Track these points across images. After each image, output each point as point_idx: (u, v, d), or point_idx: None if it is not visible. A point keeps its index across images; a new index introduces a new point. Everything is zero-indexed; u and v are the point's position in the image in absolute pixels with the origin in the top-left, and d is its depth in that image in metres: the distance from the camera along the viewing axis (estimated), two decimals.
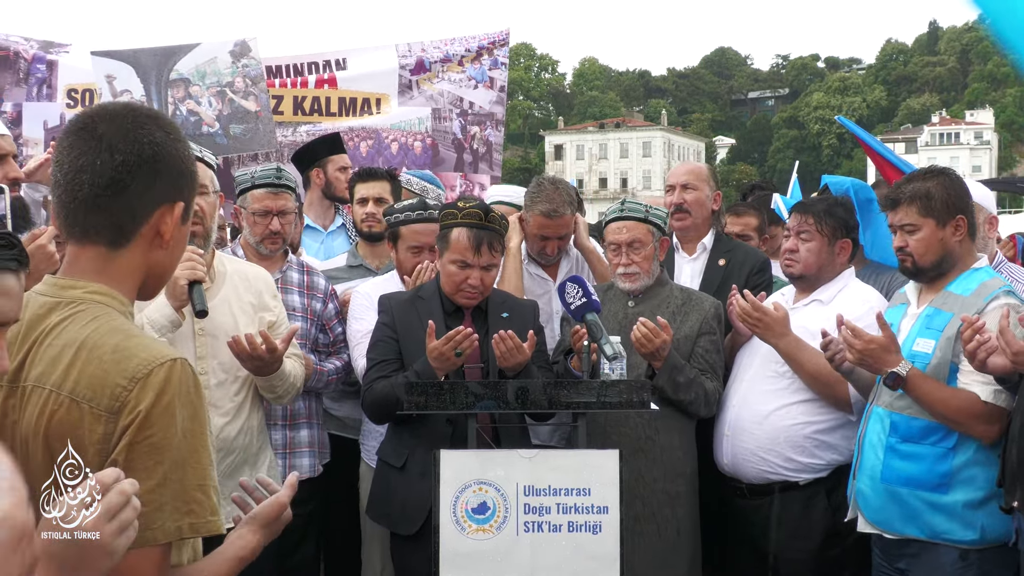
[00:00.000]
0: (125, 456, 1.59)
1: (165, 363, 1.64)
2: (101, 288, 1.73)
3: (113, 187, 1.71)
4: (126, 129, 1.72)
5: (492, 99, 6.84)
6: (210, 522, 1.67)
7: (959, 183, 3.31)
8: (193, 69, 6.17)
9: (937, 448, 3.15)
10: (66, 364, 1.64)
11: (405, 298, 3.71)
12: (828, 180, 4.57)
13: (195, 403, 1.66)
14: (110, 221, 1.73)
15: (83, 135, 1.72)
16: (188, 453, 1.63)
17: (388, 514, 3.62)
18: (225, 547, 1.81)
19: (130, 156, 1.71)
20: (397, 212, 4.14)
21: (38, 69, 6.16)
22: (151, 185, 1.74)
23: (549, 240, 4.31)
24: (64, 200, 1.73)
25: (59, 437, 1.61)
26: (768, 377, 3.75)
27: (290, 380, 3.44)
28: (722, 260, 4.46)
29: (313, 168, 5.49)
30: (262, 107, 6.18)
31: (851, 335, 3.18)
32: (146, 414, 1.60)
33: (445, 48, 6.74)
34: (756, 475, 3.72)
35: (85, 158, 1.70)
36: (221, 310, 3.32)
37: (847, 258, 3.85)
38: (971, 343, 2.90)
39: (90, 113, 1.77)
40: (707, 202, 4.60)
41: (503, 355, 3.38)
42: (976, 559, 3.12)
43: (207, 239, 3.29)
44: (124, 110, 1.77)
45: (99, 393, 1.61)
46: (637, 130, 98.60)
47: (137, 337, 1.70)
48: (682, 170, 4.76)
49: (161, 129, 1.76)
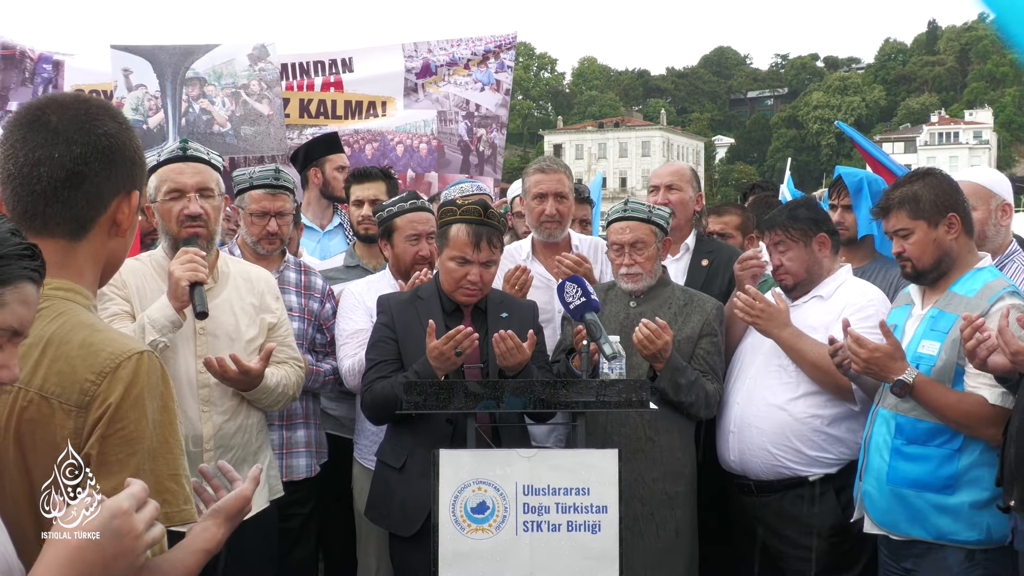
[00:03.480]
0: (98, 450, 1.61)
1: (132, 356, 1.66)
2: (64, 284, 1.75)
3: (72, 179, 1.73)
4: (80, 120, 1.74)
5: (498, 102, 6.85)
6: (184, 511, 1.70)
7: (946, 182, 3.31)
8: (210, 69, 6.20)
9: (943, 450, 3.15)
10: (34, 361, 1.65)
11: (404, 298, 3.71)
12: (841, 170, 4.55)
13: (164, 394, 1.69)
14: (70, 213, 1.75)
15: (36, 127, 1.73)
16: (159, 444, 1.66)
17: (387, 515, 3.61)
18: (191, 539, 1.83)
19: (87, 148, 1.73)
20: (389, 207, 4.14)
21: (44, 69, 6.15)
22: (108, 175, 1.77)
23: (546, 198, 4.33)
24: (20, 193, 1.74)
25: (29, 434, 1.63)
26: (773, 372, 3.75)
27: (277, 392, 3.41)
28: (705, 260, 4.50)
29: (311, 168, 5.50)
30: (275, 111, 6.20)
31: (856, 345, 3.18)
32: (116, 407, 1.62)
33: (451, 50, 6.74)
34: (765, 470, 3.71)
35: (42, 151, 1.72)
36: (223, 310, 3.32)
37: (829, 250, 3.84)
38: (971, 341, 2.90)
39: (39, 105, 1.78)
40: (690, 203, 4.65)
41: (503, 354, 3.37)
42: (982, 559, 3.12)
43: (211, 241, 3.30)
44: (75, 101, 1.79)
45: (68, 388, 1.63)
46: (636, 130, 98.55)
47: (103, 331, 1.72)
48: (666, 171, 4.79)
49: (113, 119, 1.79)
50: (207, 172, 3.32)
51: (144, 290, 3.24)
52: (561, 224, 4.39)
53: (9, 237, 1.49)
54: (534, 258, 4.45)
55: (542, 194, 4.35)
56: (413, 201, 4.10)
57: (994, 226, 3.70)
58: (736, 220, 5.38)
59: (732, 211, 5.50)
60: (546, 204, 4.34)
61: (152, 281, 3.27)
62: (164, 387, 1.70)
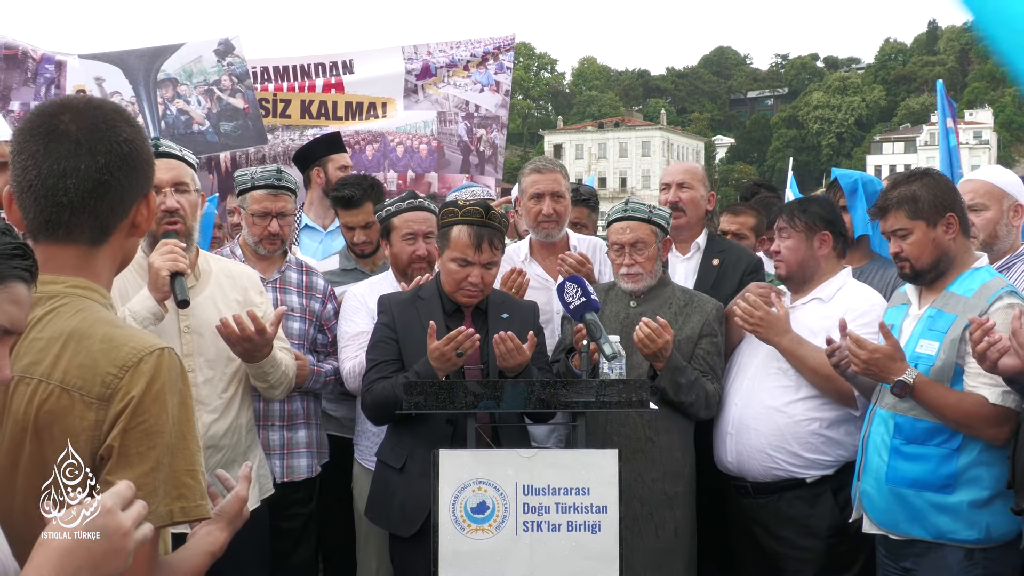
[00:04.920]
0: (120, 442, 1.63)
1: (154, 352, 1.68)
2: (81, 282, 1.76)
3: (98, 189, 1.75)
4: (100, 128, 1.75)
5: (498, 102, 6.86)
6: (200, 506, 1.72)
7: (944, 182, 3.32)
8: (180, 69, 6.19)
9: (942, 449, 3.15)
10: (54, 354, 1.67)
11: (405, 298, 3.71)
12: (837, 172, 4.60)
13: (183, 391, 1.71)
14: (96, 222, 1.77)
15: (56, 137, 1.73)
16: (178, 439, 1.68)
17: (387, 516, 3.61)
18: (196, 541, 1.85)
19: (110, 157, 1.75)
20: (388, 206, 4.14)
21: (46, 69, 6.14)
22: (131, 182, 1.79)
23: (543, 197, 4.34)
24: (44, 204, 1.74)
25: (48, 426, 1.65)
26: (771, 375, 3.75)
27: (282, 368, 3.40)
28: (716, 260, 4.48)
29: (313, 167, 5.49)
30: (249, 104, 6.19)
31: (855, 346, 3.18)
32: (139, 400, 1.64)
33: (451, 52, 6.76)
34: (763, 473, 3.72)
35: (66, 162, 1.72)
36: (207, 308, 3.29)
37: (829, 250, 3.83)
38: (981, 344, 2.89)
39: (53, 112, 1.77)
40: (701, 202, 4.63)
41: (503, 355, 3.37)
42: (981, 558, 3.12)
43: (189, 237, 3.26)
44: (88, 107, 1.79)
45: (89, 381, 1.65)
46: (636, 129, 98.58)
47: (123, 328, 1.75)
48: (678, 169, 4.77)
49: (128, 124, 1.81)
50: (181, 168, 3.28)
51: (124, 289, 3.21)
52: (559, 224, 4.39)
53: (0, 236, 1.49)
54: (532, 259, 4.46)
55: (539, 194, 4.36)
56: (411, 201, 4.10)
57: (1005, 226, 3.70)
58: (751, 221, 5.40)
59: (748, 212, 5.51)
60: (543, 204, 4.34)
61: (132, 279, 3.24)
62: (183, 384, 1.72)
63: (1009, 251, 3.72)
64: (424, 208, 4.10)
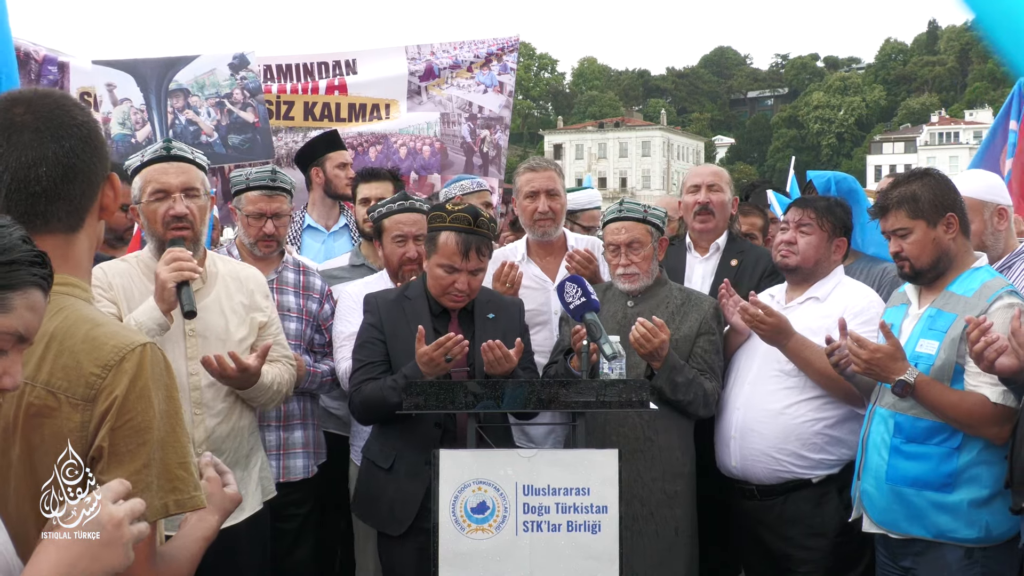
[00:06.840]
0: (109, 442, 1.64)
1: (136, 348, 1.69)
2: (63, 278, 1.76)
3: (68, 173, 1.77)
4: (57, 115, 1.78)
5: (501, 103, 6.87)
6: (194, 497, 1.73)
7: (944, 182, 3.31)
8: (192, 80, 6.20)
9: (942, 448, 3.15)
10: (38, 356, 1.68)
11: (391, 297, 3.70)
12: (812, 175, 4.67)
13: (168, 385, 1.72)
14: (71, 207, 1.79)
15: (17, 129, 1.75)
16: (167, 433, 1.69)
17: (375, 514, 3.63)
18: (190, 529, 1.86)
19: (75, 141, 1.78)
20: (380, 207, 4.15)
21: (49, 71, 6.13)
22: (95, 163, 1.82)
23: (538, 195, 4.35)
24: (16, 197, 1.75)
25: (37, 428, 1.66)
26: (772, 376, 3.75)
27: (272, 390, 3.38)
28: (734, 260, 4.47)
29: (312, 167, 5.50)
30: (260, 118, 6.21)
31: (856, 345, 3.17)
32: (123, 399, 1.65)
33: (454, 53, 6.76)
34: (768, 475, 3.72)
35: (33, 151, 1.74)
36: (212, 311, 3.28)
37: (841, 257, 3.88)
38: (978, 344, 2.89)
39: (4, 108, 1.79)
40: (727, 205, 4.60)
41: (491, 363, 3.39)
42: (981, 557, 3.12)
43: (197, 242, 3.25)
44: (38, 96, 1.81)
45: (74, 383, 1.66)
46: (636, 129, 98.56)
47: (105, 325, 1.75)
48: (707, 171, 4.74)
49: (79, 107, 1.84)
50: (192, 171, 3.24)
51: (131, 291, 3.21)
52: (555, 221, 4.39)
53: (20, 244, 1.50)
54: (529, 259, 4.46)
55: (534, 192, 4.36)
56: (402, 203, 4.10)
57: (992, 235, 3.64)
58: (759, 221, 5.44)
59: (755, 212, 5.54)
60: (538, 202, 4.35)
61: (139, 282, 3.23)
62: (168, 378, 1.73)
63: (1004, 253, 3.69)
64: (415, 209, 4.08)
